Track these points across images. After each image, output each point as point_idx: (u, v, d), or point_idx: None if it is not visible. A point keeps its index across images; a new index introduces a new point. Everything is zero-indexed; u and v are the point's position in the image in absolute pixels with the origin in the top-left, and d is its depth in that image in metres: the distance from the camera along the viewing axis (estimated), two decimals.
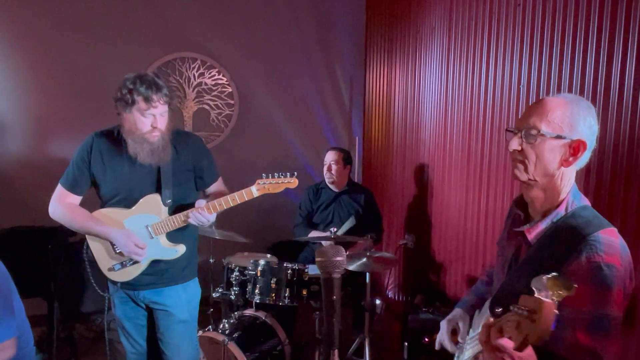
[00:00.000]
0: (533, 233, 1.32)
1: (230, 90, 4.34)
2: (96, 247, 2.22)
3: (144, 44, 4.07)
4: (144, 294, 2.24)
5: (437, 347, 1.63)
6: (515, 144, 1.30)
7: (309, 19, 4.47)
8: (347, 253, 2.70)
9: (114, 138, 2.15)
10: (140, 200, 2.13)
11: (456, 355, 1.58)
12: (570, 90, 2.36)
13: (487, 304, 1.48)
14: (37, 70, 3.87)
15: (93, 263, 2.25)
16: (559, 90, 2.44)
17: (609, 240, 1.19)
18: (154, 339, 2.34)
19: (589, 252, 1.17)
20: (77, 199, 2.23)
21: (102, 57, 3.91)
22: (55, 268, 3.24)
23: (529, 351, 1.06)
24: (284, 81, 4.47)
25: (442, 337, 1.59)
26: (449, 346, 1.58)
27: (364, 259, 2.92)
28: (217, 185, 2.35)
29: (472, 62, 3.16)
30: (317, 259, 1.06)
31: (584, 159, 1.28)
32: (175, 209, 2.16)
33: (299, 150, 4.49)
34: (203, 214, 2.06)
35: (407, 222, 4.06)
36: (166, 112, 2.09)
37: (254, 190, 2.09)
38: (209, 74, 4.28)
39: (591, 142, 1.28)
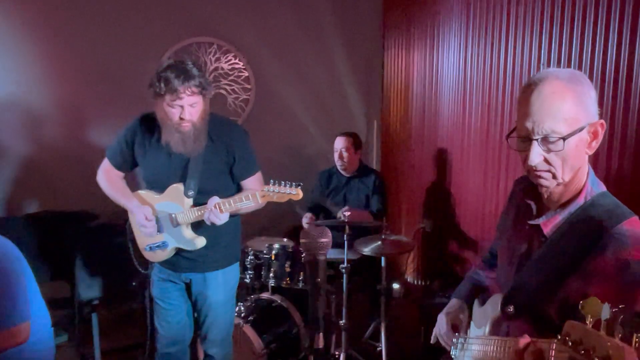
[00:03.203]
0: (549, 226, 1.21)
1: (246, 74, 4.34)
2: (135, 227, 2.30)
3: (161, 29, 4.08)
4: (184, 275, 2.30)
5: (432, 340, 1.56)
6: (538, 158, 1.14)
7: (326, 1, 4.42)
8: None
9: (156, 123, 2.15)
10: (167, 188, 2.17)
11: (453, 351, 1.49)
12: (592, 69, 2.26)
13: (493, 298, 1.38)
14: (62, 60, 3.93)
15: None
16: (580, 67, 2.35)
17: (635, 232, 1.09)
18: (183, 322, 2.39)
19: (615, 247, 1.07)
20: (119, 174, 2.32)
21: (121, 45, 3.94)
22: (78, 252, 3.31)
23: None
24: (300, 65, 4.44)
25: (441, 332, 1.51)
26: (445, 342, 1.50)
27: (379, 243, 2.90)
28: (253, 181, 2.26)
29: (490, 42, 3.07)
30: (301, 240, 1.05)
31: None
32: (205, 199, 2.11)
33: (316, 134, 4.47)
34: (215, 213, 2.02)
35: (426, 206, 4.01)
36: (198, 103, 2.04)
37: (258, 197, 1.98)
38: (225, 58, 4.28)
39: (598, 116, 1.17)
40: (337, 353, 2.94)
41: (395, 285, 4.20)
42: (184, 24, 4.13)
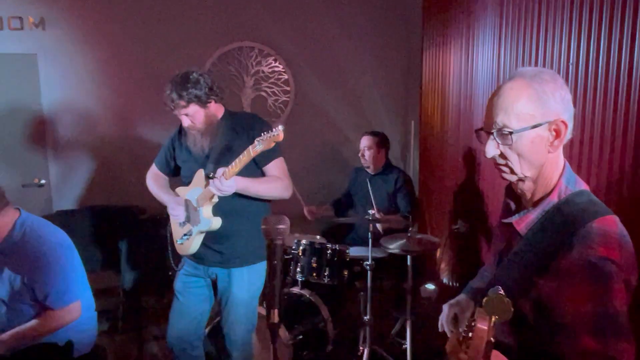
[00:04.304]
0: (523, 224, 1.23)
1: (286, 77, 4.48)
2: (171, 221, 2.49)
3: (205, 36, 4.32)
4: (212, 270, 2.43)
5: (440, 329, 1.59)
6: (492, 150, 1.19)
7: (365, 3, 4.49)
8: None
9: None
10: (194, 176, 2.35)
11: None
12: (619, 68, 2.21)
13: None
14: (115, 66, 4.26)
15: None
16: (607, 67, 2.30)
17: (604, 230, 1.08)
18: (196, 320, 2.51)
19: (581, 245, 1.08)
20: (164, 177, 2.57)
21: (169, 51, 4.21)
22: (126, 243, 3.57)
23: None
24: (338, 66, 4.54)
25: (443, 321, 1.55)
26: (448, 331, 1.53)
27: (403, 240, 2.94)
28: (273, 166, 2.34)
29: (522, 41, 3.04)
30: (262, 227, 1.15)
31: (568, 135, 1.17)
32: None
33: (352, 134, 4.54)
34: (221, 181, 2.11)
35: (461, 207, 3.99)
36: (197, 111, 2.25)
37: (251, 151, 2.05)
38: (266, 62, 4.45)
39: (569, 115, 1.17)
40: (361, 348, 3.02)
41: (430, 286, 4.20)
42: (227, 30, 4.35)
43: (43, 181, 4.18)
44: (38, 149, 4.24)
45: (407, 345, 3.05)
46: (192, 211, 2.34)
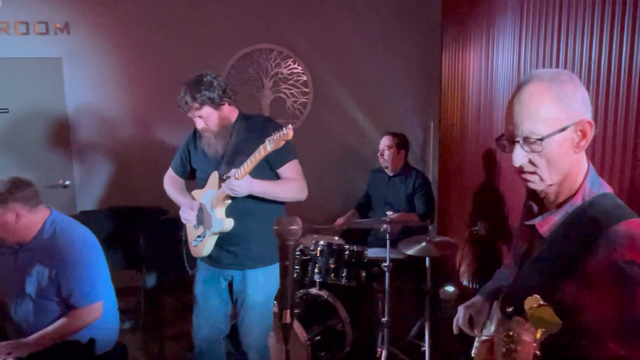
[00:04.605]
0: (545, 226, 1.20)
1: (305, 78, 4.50)
2: (185, 223, 2.51)
3: (224, 39, 4.36)
4: (227, 272, 2.45)
5: (455, 330, 1.59)
6: (520, 159, 1.15)
7: (383, 4, 4.48)
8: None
9: None
10: (208, 179, 2.38)
11: (474, 350, 1.53)
12: None
13: (500, 298, 1.40)
14: (136, 70, 4.33)
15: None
16: (630, 67, 2.25)
17: (631, 233, 1.04)
18: (218, 323, 2.54)
19: (607, 249, 1.05)
20: (181, 180, 2.60)
21: (189, 54, 4.26)
22: (148, 243, 3.62)
23: None
24: (357, 67, 4.54)
25: (459, 323, 1.55)
26: (467, 330, 1.53)
27: (423, 244, 2.93)
28: (287, 169, 2.35)
29: (543, 42, 3.00)
30: (274, 227, 1.16)
31: (592, 134, 1.14)
32: None
33: (372, 135, 4.53)
34: (231, 181, 2.13)
35: (480, 208, 3.95)
36: (210, 114, 2.28)
37: (261, 150, 2.08)
38: (285, 63, 4.47)
39: (590, 114, 1.15)
40: (379, 350, 3.02)
41: (450, 288, 4.17)
42: (246, 33, 4.38)
43: (67, 182, 4.28)
44: (62, 150, 4.34)
45: (426, 347, 3.04)
46: (206, 213, 2.37)
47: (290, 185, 2.33)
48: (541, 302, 0.94)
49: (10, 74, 4.21)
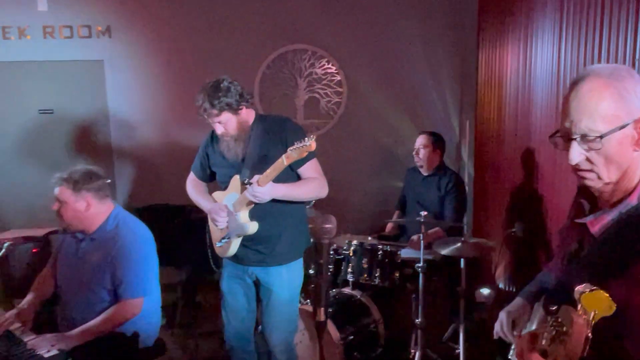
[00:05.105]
0: (597, 225, 1.17)
1: (339, 78, 4.51)
2: (210, 225, 2.56)
3: (259, 40, 4.42)
4: (252, 269, 2.48)
5: (495, 336, 1.55)
6: (577, 157, 1.12)
7: (418, 2, 4.44)
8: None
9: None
10: (229, 182, 2.41)
11: (511, 352, 1.50)
12: None
13: (544, 297, 1.39)
14: (172, 70, 4.44)
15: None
16: None
17: None
18: (248, 318, 2.58)
19: None
20: (203, 184, 2.65)
21: (225, 55, 4.35)
22: (182, 241, 3.70)
23: None
24: (391, 66, 4.52)
25: (500, 328, 1.51)
26: (509, 337, 1.49)
27: (458, 244, 2.88)
28: (307, 168, 2.38)
29: (584, 39, 2.90)
30: (308, 226, 1.16)
31: None
32: None
33: (406, 134, 4.49)
34: (254, 187, 2.17)
35: (517, 209, 3.87)
36: (229, 119, 2.31)
37: (284, 159, 2.11)
38: (319, 64, 4.49)
39: None
40: (412, 351, 2.99)
41: (486, 291, 4.09)
42: (280, 34, 4.43)
43: (108, 180, 4.40)
44: (103, 149, 4.48)
45: (460, 350, 2.99)
46: (230, 215, 2.40)
47: (311, 185, 2.35)
48: (593, 288, 0.92)
49: (55, 76, 4.38)
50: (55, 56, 4.32)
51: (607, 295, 0.93)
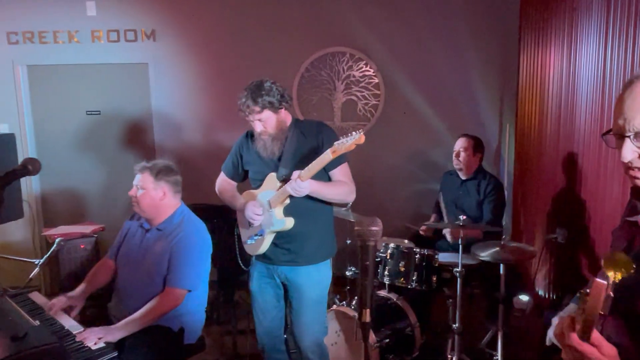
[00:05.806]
0: None
1: (376, 81, 4.51)
2: (239, 222, 2.62)
3: (298, 43, 4.48)
4: (281, 269, 2.53)
5: (547, 342, 1.54)
6: (630, 154, 1.11)
7: (458, 5, 4.40)
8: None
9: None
10: (265, 179, 2.47)
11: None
12: None
13: None
14: (213, 73, 4.54)
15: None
16: None
17: None
18: (278, 317, 2.63)
19: None
20: (233, 183, 2.71)
21: (265, 58, 4.42)
22: (221, 239, 3.78)
23: (610, 351, 0.98)
24: (430, 69, 4.49)
25: (554, 334, 1.52)
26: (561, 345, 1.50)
27: (497, 249, 2.85)
28: (339, 171, 2.44)
29: (632, 40, 2.82)
30: (355, 228, 1.18)
31: None
32: None
33: (444, 138, 4.46)
34: (297, 182, 2.23)
35: (559, 215, 3.78)
36: (269, 117, 2.39)
37: (330, 153, 2.19)
38: (357, 66, 4.51)
39: None
40: (449, 356, 2.97)
41: (525, 297, 4.02)
42: (318, 36, 4.48)
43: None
44: (147, 149, 4.63)
45: (498, 357, 2.96)
46: (264, 214, 2.46)
47: (341, 188, 2.42)
48: (617, 251, 0.94)
49: (102, 79, 4.56)
50: (102, 59, 4.50)
51: (626, 255, 0.95)
